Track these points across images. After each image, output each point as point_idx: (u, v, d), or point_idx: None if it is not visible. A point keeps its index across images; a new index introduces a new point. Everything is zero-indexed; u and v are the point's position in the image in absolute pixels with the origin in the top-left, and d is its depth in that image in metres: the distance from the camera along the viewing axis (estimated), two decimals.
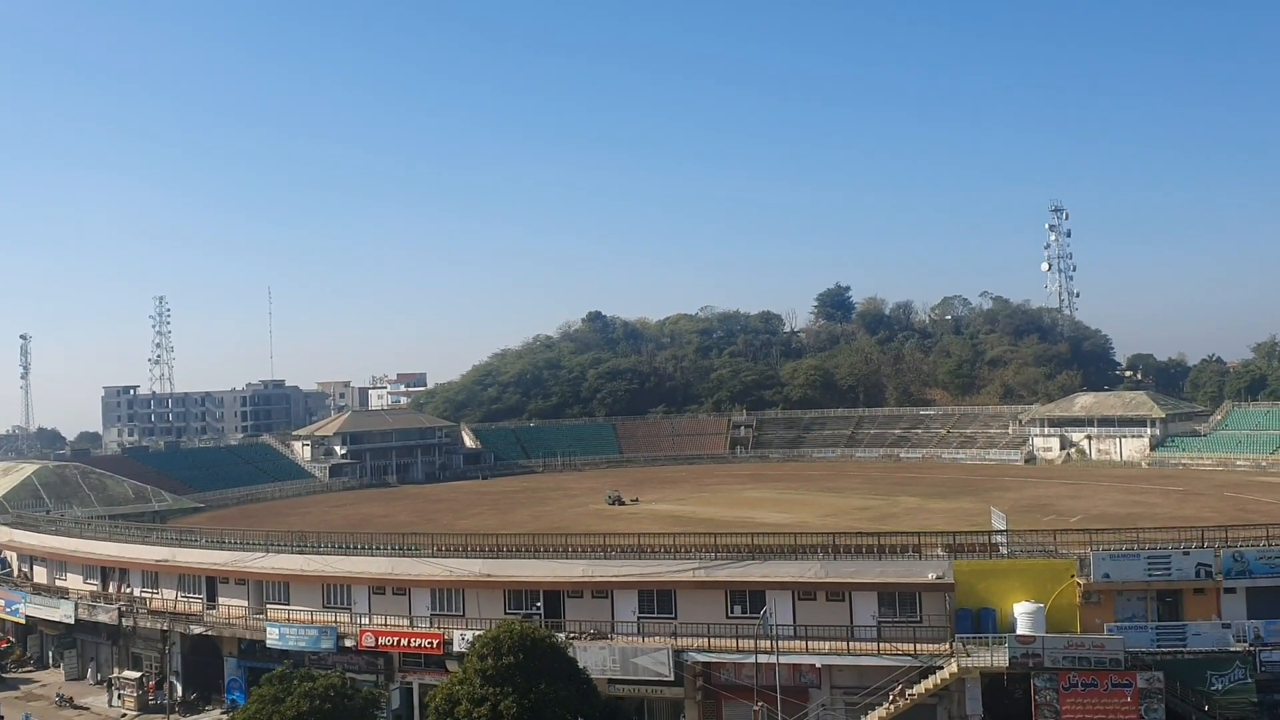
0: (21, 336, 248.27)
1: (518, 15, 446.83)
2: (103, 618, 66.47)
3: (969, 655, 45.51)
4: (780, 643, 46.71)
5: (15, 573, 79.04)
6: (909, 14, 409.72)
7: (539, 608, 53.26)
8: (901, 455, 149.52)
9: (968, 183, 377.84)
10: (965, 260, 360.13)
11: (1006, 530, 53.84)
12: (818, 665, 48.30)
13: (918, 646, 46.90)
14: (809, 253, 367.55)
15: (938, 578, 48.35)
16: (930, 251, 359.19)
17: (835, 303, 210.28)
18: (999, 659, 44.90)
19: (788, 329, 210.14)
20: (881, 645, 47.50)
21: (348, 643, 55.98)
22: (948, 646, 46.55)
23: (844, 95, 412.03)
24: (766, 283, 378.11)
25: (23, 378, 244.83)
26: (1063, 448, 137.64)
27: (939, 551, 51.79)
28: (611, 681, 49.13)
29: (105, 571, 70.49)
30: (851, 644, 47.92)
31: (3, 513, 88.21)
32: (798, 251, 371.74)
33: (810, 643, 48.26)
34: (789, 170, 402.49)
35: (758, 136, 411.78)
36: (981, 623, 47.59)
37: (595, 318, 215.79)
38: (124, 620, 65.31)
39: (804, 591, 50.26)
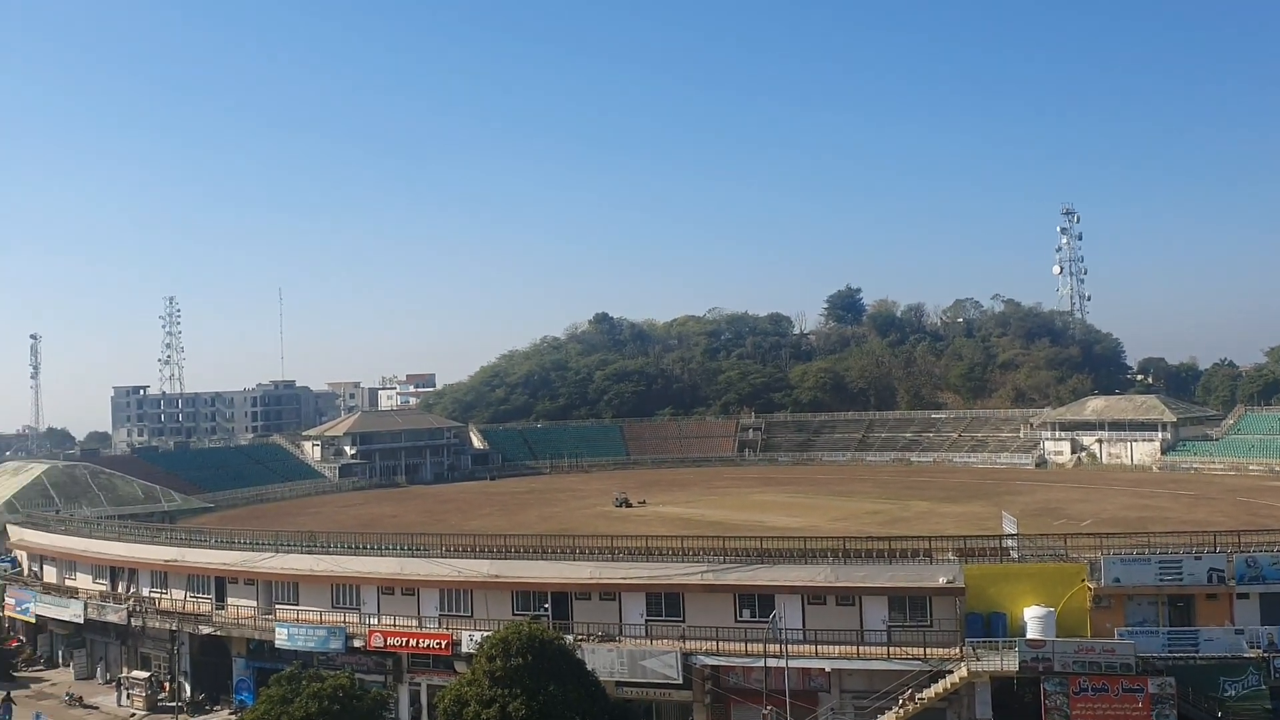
0: (32, 336, 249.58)
1: (528, 14, 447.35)
2: (112, 617, 66.66)
3: (979, 659, 45.37)
4: (789, 646, 46.61)
5: (25, 572, 79.28)
6: (919, 18, 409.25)
7: (547, 609, 53.15)
8: (912, 459, 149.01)
9: (981, 185, 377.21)
10: (977, 263, 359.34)
11: (1017, 534, 53.54)
12: (827, 669, 48.14)
13: (928, 650, 46.75)
14: (819, 254, 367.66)
15: (948, 582, 48.18)
16: (942, 254, 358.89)
17: (846, 304, 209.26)
18: (1009, 663, 44.74)
19: (797, 331, 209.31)
20: (891, 649, 47.36)
21: (356, 643, 55.96)
22: (958, 651, 46.38)
23: (857, 101, 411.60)
24: (776, 284, 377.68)
25: (33, 378, 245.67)
26: (1074, 451, 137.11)
27: (949, 556, 51.48)
28: (619, 684, 49.06)
29: (114, 571, 70.66)
30: (861, 648, 47.79)
31: (13, 512, 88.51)
32: (808, 253, 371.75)
33: (820, 647, 48.10)
34: (800, 173, 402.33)
35: (769, 140, 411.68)
36: (992, 627, 47.36)
37: (602, 319, 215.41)
38: (133, 620, 65.49)
39: (813, 595, 50.10)
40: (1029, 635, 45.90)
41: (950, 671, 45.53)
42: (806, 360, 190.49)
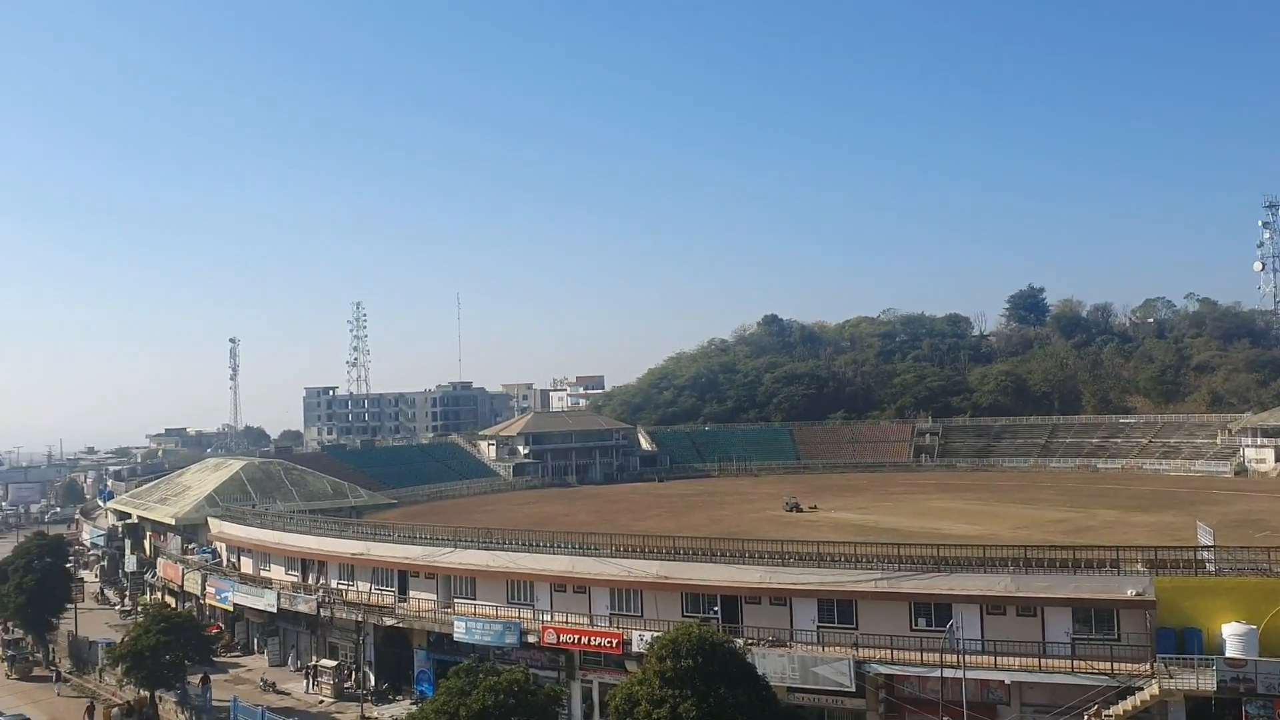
0: (231, 340, 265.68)
1: (692, 22, 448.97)
2: (302, 607, 69.69)
3: (1172, 677, 43.02)
4: (967, 657, 45.23)
5: (224, 563, 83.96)
6: (1109, 9, 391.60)
7: (716, 612, 53.01)
8: (1099, 466, 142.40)
9: (1172, 179, 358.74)
10: (1169, 260, 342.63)
11: (1214, 546, 50.51)
12: (1007, 682, 46.52)
13: (1115, 666, 44.64)
14: (1000, 254, 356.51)
15: (1137, 594, 45.85)
16: (1131, 252, 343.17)
17: (1028, 305, 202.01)
18: (1205, 682, 42.28)
19: (976, 332, 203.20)
20: (1075, 663, 45.38)
21: (530, 639, 57.06)
22: (1148, 667, 44.11)
23: (1041, 93, 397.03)
24: (954, 284, 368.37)
25: (232, 379, 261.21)
26: (1278, 459, 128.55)
27: (1139, 567, 49.04)
28: (791, 689, 48.57)
29: (305, 563, 74.00)
30: (1043, 661, 45.96)
31: (214, 506, 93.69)
32: (988, 252, 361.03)
33: (999, 658, 46.52)
34: (980, 170, 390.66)
35: (946, 137, 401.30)
36: (1185, 643, 44.83)
37: (771, 321, 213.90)
38: (322, 610, 68.31)
39: (993, 605, 48.46)
40: (1228, 654, 43.22)
41: (1140, 688, 43.34)
42: (986, 362, 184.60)
